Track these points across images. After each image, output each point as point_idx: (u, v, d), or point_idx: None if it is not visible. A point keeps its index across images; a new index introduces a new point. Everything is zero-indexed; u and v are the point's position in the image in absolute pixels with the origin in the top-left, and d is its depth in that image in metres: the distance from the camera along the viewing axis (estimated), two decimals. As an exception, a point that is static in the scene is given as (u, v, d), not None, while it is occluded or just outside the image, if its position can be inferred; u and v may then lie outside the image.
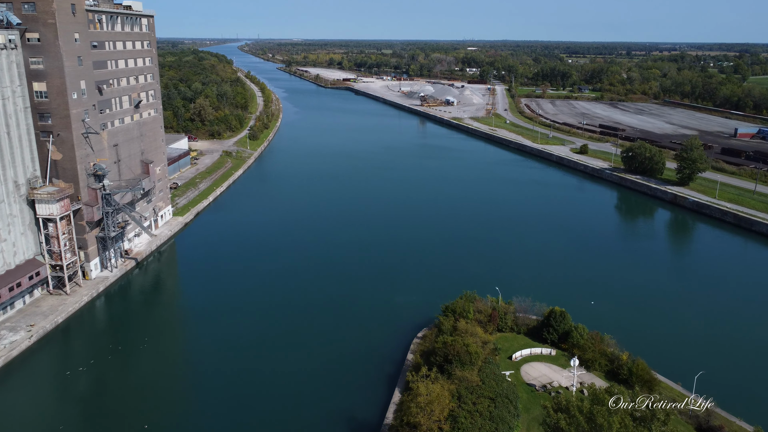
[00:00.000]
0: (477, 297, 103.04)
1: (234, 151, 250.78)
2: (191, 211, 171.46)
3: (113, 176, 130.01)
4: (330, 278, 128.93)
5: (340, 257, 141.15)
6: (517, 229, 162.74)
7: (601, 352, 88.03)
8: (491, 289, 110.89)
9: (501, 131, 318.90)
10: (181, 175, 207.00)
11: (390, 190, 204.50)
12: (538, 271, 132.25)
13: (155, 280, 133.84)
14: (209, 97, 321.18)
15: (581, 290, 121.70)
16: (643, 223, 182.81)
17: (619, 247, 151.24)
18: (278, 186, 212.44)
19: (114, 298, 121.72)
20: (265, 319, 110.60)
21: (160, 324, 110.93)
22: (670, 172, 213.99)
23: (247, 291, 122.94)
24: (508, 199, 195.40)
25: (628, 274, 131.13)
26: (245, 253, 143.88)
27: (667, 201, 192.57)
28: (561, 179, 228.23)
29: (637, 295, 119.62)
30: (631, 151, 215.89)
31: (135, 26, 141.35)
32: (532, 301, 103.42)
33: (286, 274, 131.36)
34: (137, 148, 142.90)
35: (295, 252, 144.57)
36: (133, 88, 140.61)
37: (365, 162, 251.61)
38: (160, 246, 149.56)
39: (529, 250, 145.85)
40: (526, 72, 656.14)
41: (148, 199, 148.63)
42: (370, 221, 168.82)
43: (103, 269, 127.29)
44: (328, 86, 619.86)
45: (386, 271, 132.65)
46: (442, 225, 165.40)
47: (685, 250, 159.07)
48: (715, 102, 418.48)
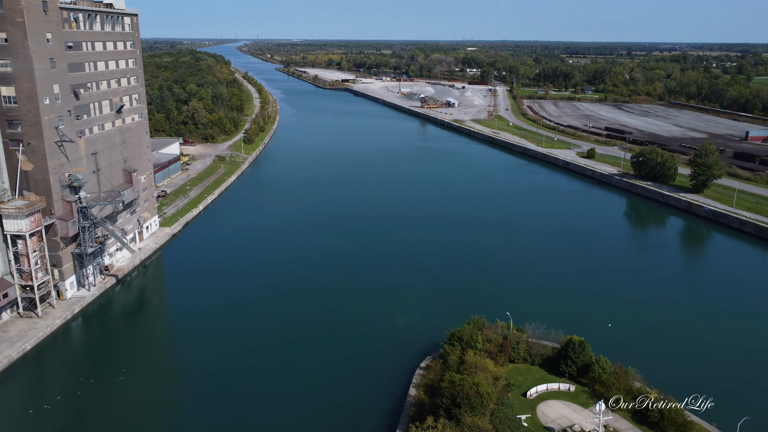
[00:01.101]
0: (485, 323, 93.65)
1: (228, 156, 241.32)
2: (179, 221, 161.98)
3: (91, 187, 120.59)
4: (326, 297, 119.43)
5: (336, 272, 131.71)
6: (525, 241, 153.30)
7: (626, 389, 78.64)
8: (499, 310, 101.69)
9: (504, 134, 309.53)
10: (171, 181, 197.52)
11: (389, 198, 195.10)
12: (550, 289, 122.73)
13: (138, 298, 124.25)
14: (204, 99, 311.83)
15: (597, 311, 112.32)
16: (658, 233, 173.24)
17: (635, 262, 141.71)
18: (273, 193, 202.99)
19: (91, 320, 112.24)
20: (255, 342, 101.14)
21: (142, 349, 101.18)
22: (683, 178, 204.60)
23: (237, 309, 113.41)
24: (514, 208, 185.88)
25: (646, 293, 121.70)
26: (236, 268, 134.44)
27: (681, 209, 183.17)
28: (568, 185, 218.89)
29: (659, 318, 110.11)
30: (642, 156, 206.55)
31: (117, 25, 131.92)
32: (547, 328, 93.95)
33: (278, 291, 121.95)
34: (119, 156, 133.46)
35: (288, 266, 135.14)
36: (115, 91, 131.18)
37: (364, 167, 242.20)
38: (145, 260, 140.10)
39: (539, 265, 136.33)
40: (527, 72, 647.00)
41: (131, 210, 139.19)
42: (369, 232, 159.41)
43: (80, 288, 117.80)
44: (327, 87, 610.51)
45: (385, 289, 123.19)
46: (445, 236, 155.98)
47: (706, 264, 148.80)
48: (722, 103, 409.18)
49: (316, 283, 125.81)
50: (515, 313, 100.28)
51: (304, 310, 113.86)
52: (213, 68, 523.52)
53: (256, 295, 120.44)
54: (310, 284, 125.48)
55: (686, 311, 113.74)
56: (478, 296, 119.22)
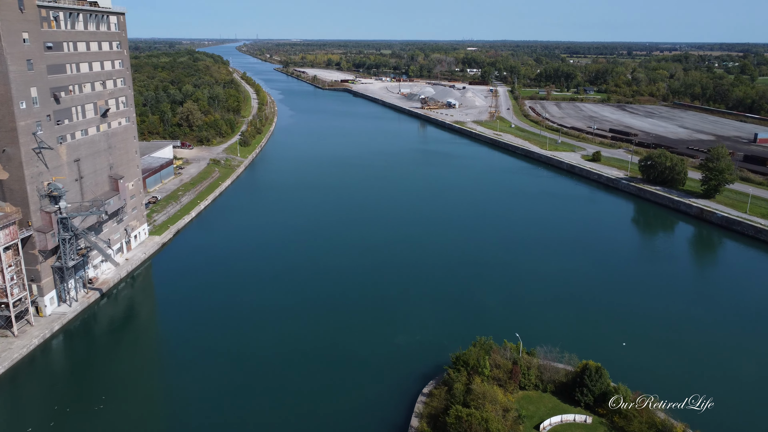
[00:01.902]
0: (493, 345, 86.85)
1: (223, 159, 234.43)
2: (170, 229, 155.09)
3: (73, 196, 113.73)
4: (323, 312, 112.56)
5: (333, 285, 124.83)
6: (531, 251, 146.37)
7: (649, 422, 71.88)
8: (506, 327, 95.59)
9: (506, 136, 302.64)
10: (163, 187, 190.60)
11: (389, 204, 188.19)
12: (559, 305, 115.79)
13: (124, 313, 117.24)
14: (200, 100, 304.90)
15: (611, 329, 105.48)
16: (669, 241, 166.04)
17: (648, 274, 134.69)
18: (268, 198, 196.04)
19: (72, 338, 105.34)
20: (248, 362, 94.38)
21: (125, 372, 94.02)
22: (692, 182, 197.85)
23: (229, 326, 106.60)
24: (519, 214, 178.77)
25: (662, 308, 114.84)
26: (229, 280, 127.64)
27: (692, 215, 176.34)
28: (573, 190, 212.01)
29: (678, 336, 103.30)
30: (651, 160, 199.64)
31: (101, 25, 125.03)
32: (560, 351, 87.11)
33: (272, 303, 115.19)
34: (104, 163, 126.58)
35: (282, 277, 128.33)
36: (100, 94, 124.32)
37: (363, 170, 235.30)
38: (132, 271, 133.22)
39: (546, 278, 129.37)
40: (528, 73, 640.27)
41: (118, 219, 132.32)
42: (367, 241, 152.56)
43: (61, 303, 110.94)
44: (326, 88, 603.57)
45: (385, 304, 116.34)
46: (447, 246, 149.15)
47: (723, 276, 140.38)
48: (727, 104, 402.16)
49: (312, 297, 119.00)
50: (523, 330, 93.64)
51: (299, 326, 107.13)
52: (211, 69, 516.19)
53: (249, 309, 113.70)
54: (305, 298, 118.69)
55: (706, 328, 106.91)
56: (482, 311, 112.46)
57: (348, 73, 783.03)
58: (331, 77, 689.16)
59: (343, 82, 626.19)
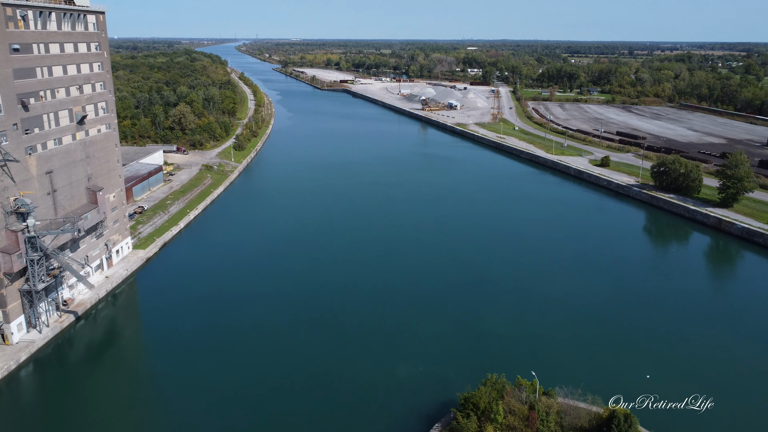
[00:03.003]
0: (506, 384, 77.38)
1: (216, 164, 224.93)
2: (156, 242, 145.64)
3: (45, 211, 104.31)
4: (316, 336, 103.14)
5: (328, 305, 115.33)
6: (542, 267, 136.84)
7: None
8: (518, 360, 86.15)
9: (510, 139, 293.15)
10: (151, 195, 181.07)
11: (388, 213, 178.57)
12: (575, 331, 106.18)
13: (103, 338, 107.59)
14: (195, 101, 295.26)
15: (632, 357, 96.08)
16: (686, 254, 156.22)
17: (667, 289, 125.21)
18: (262, 207, 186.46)
19: (42, 369, 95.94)
20: (234, 395, 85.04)
21: (102, 404, 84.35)
22: (708, 189, 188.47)
23: (217, 350, 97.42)
24: (527, 225, 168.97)
25: (685, 331, 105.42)
26: (218, 298, 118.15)
27: (710, 226, 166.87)
28: (582, 197, 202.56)
29: (706, 366, 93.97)
30: (664, 166, 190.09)
31: (78, 24, 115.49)
32: (581, 390, 77.70)
33: (262, 326, 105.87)
34: (82, 174, 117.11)
35: (274, 296, 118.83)
36: (76, 100, 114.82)
37: (361, 176, 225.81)
38: (113, 289, 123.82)
39: (560, 298, 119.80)
40: (530, 73, 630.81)
41: (97, 234, 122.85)
42: (366, 255, 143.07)
43: (30, 329, 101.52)
44: (325, 88, 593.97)
45: (385, 327, 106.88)
46: (452, 261, 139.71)
47: (746, 291, 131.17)
48: (735, 106, 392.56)
49: (306, 319, 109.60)
50: (536, 361, 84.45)
51: (292, 353, 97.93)
52: (208, 69, 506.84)
53: (239, 331, 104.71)
54: (299, 320, 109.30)
55: (742, 359, 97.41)
56: (490, 336, 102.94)
57: (347, 73, 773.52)
58: (330, 77, 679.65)
59: (342, 83, 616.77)
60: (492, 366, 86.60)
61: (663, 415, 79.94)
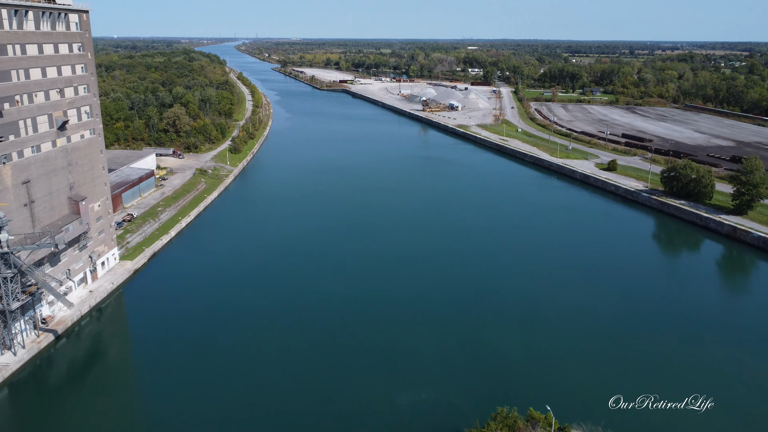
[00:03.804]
0: (518, 420, 70.57)
1: (210, 168, 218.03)
2: (145, 252, 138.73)
3: (22, 224, 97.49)
4: (312, 357, 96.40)
5: (324, 322, 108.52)
6: (551, 281, 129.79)
7: None
8: (529, 388, 79.00)
9: (513, 141, 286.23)
10: (142, 201, 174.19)
11: (388, 222, 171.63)
12: (589, 353, 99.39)
13: (84, 358, 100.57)
14: (191, 102, 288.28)
15: (650, 383, 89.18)
16: (701, 265, 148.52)
17: (686, 306, 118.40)
18: (257, 213, 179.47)
19: (18, 394, 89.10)
20: (224, 421, 78.49)
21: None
22: (720, 195, 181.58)
23: (204, 370, 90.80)
24: (533, 234, 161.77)
25: (705, 356, 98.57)
26: (209, 312, 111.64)
27: (724, 234, 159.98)
28: (589, 203, 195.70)
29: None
30: (675, 171, 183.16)
31: (58, 24, 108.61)
32: (601, 427, 70.94)
33: (254, 345, 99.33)
34: (63, 182, 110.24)
35: (268, 311, 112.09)
36: (56, 104, 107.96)
37: (360, 181, 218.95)
38: (98, 304, 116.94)
39: (572, 316, 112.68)
40: (531, 73, 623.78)
41: (80, 246, 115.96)
42: (365, 268, 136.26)
43: (5, 351, 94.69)
44: (324, 88, 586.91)
45: (385, 348, 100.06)
46: (456, 275, 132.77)
47: (765, 307, 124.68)
48: (742, 107, 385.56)
49: (301, 337, 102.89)
50: (548, 390, 77.54)
51: (284, 375, 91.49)
52: (206, 69, 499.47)
53: (230, 349, 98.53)
54: (293, 338, 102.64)
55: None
56: (498, 360, 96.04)
57: (347, 73, 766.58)
58: (330, 77, 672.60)
59: (342, 83, 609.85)
60: (500, 392, 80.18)
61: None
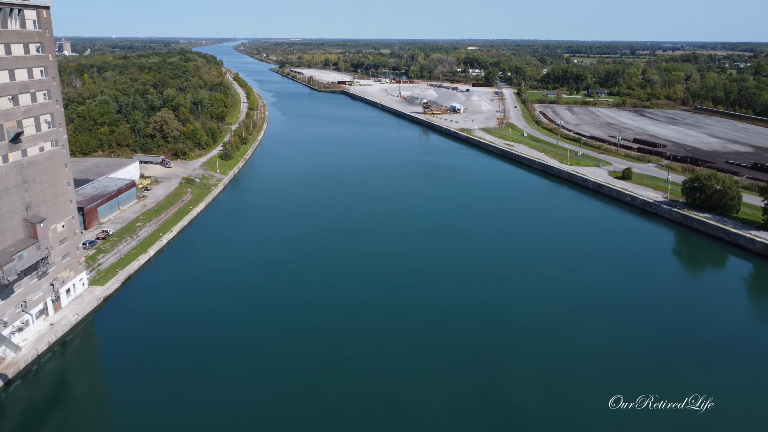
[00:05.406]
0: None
1: (198, 177, 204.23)
2: (118, 275, 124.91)
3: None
4: (304, 404, 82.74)
5: (318, 362, 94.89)
6: (568, 307, 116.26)
7: None
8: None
9: (519, 147, 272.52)
10: (121, 215, 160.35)
11: (389, 236, 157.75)
12: (622, 401, 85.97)
13: (43, 403, 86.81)
14: (181, 106, 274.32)
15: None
16: (730, 286, 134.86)
17: (714, 335, 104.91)
18: (246, 227, 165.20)
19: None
20: None
21: None
22: (747, 208, 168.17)
23: (182, 411, 77.41)
24: (546, 250, 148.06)
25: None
26: (189, 343, 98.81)
27: (755, 252, 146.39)
28: (603, 215, 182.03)
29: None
30: (698, 181, 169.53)
31: (12, 22, 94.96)
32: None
33: (239, 386, 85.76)
34: (17, 203, 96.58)
35: (254, 342, 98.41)
36: (8, 114, 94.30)
37: (359, 188, 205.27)
38: (59, 339, 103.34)
39: (592, 349, 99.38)
40: (533, 74, 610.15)
41: (39, 273, 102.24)
42: (362, 289, 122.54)
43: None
44: (322, 90, 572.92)
45: (383, 383, 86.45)
46: (461, 298, 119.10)
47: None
48: (755, 109, 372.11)
49: (290, 383, 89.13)
50: None
51: (269, 417, 77.73)
52: (201, 69, 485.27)
53: (212, 392, 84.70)
54: (281, 385, 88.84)
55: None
56: (512, 407, 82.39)
57: (346, 74, 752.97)
58: (328, 78, 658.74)
59: (340, 84, 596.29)
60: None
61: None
